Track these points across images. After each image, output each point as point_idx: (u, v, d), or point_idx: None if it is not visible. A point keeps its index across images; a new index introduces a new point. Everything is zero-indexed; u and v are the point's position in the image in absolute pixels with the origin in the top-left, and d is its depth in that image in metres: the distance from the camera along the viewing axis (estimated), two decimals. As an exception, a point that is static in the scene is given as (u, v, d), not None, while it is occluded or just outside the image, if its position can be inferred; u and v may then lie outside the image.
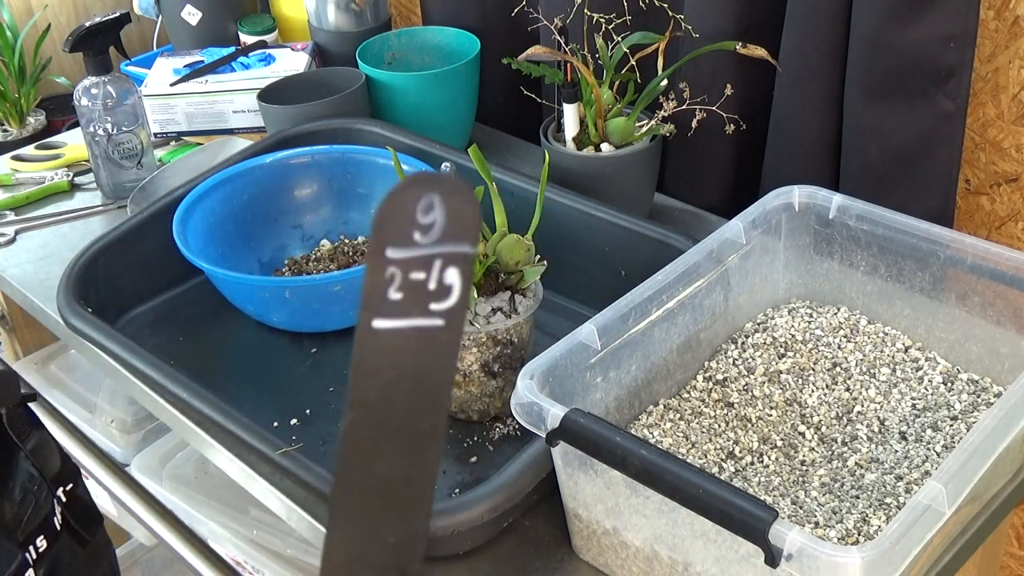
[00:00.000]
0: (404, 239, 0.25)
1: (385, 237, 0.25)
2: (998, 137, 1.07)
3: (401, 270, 0.25)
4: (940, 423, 0.85)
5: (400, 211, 0.25)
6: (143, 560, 1.67)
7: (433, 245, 0.25)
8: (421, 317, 0.25)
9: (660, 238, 1.04)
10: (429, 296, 0.26)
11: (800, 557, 0.63)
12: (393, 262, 0.25)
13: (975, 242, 0.88)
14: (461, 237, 0.25)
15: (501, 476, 0.80)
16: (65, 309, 1.05)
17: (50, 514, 0.92)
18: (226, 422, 0.90)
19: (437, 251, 0.25)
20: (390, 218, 0.25)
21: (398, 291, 0.25)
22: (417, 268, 0.25)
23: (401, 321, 0.26)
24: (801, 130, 1.12)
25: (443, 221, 0.25)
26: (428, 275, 0.25)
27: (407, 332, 0.26)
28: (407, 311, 0.25)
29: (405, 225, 0.25)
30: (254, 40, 1.55)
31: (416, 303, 0.25)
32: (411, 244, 0.25)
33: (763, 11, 1.12)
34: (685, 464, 0.69)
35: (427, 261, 0.25)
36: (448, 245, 0.25)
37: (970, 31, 0.98)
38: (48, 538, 0.90)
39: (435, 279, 0.25)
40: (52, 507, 0.93)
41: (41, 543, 0.90)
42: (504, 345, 0.92)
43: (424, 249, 0.25)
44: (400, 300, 0.25)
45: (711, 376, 0.93)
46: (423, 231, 0.25)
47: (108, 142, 1.33)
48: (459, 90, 1.35)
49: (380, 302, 0.25)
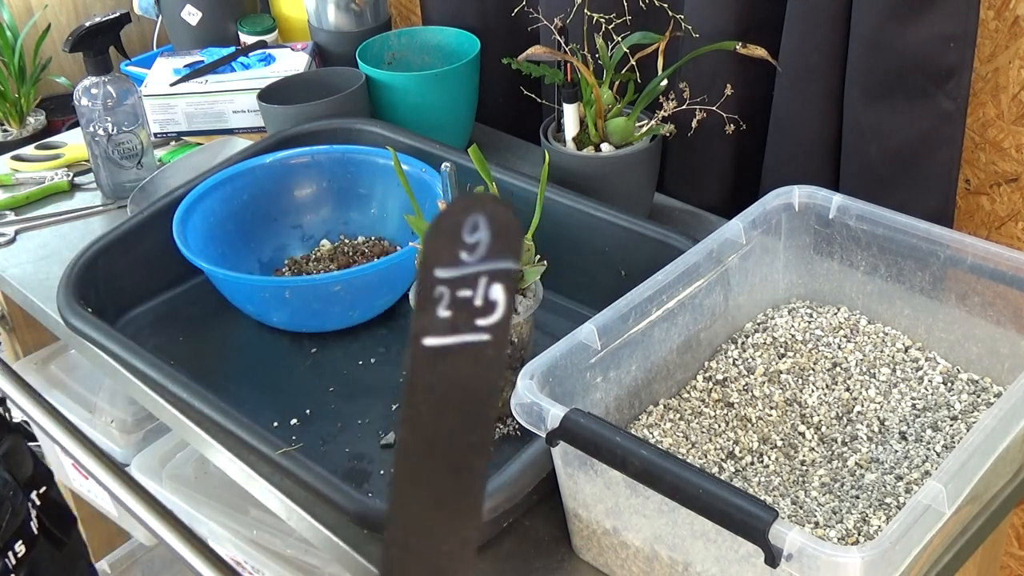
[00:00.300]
0: (452, 259, 0.26)
1: (435, 258, 0.26)
2: (998, 137, 1.07)
3: (450, 289, 0.26)
4: (940, 423, 0.85)
5: (449, 233, 0.26)
6: (143, 560, 1.67)
7: (479, 263, 0.26)
8: (469, 333, 0.26)
9: (660, 238, 1.04)
10: (476, 312, 0.26)
11: (800, 557, 0.63)
12: (442, 281, 0.26)
13: (975, 242, 0.88)
14: (505, 254, 0.26)
15: (501, 476, 0.80)
16: (65, 309, 1.05)
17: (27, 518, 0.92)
18: (226, 422, 0.90)
19: (483, 268, 0.26)
20: (439, 240, 0.26)
21: (447, 309, 0.26)
22: (464, 286, 0.26)
23: (451, 338, 0.26)
24: (801, 130, 1.12)
25: (488, 240, 0.26)
26: (475, 292, 0.26)
27: (456, 348, 0.26)
28: (456, 328, 0.26)
29: (453, 246, 0.26)
30: (254, 40, 1.55)
31: (464, 320, 0.26)
32: (459, 264, 0.26)
33: (763, 11, 1.12)
34: (685, 464, 0.69)
35: (473, 279, 0.26)
36: (493, 263, 0.26)
37: (970, 31, 0.98)
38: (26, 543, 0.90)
39: (481, 296, 0.26)
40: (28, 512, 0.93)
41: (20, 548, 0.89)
42: (504, 345, 0.92)
43: (471, 268, 0.26)
44: (449, 317, 0.26)
45: (711, 376, 0.93)
46: (470, 251, 0.26)
47: (108, 142, 1.33)
48: (459, 90, 1.35)
49: (431, 320, 0.26)
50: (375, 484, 0.92)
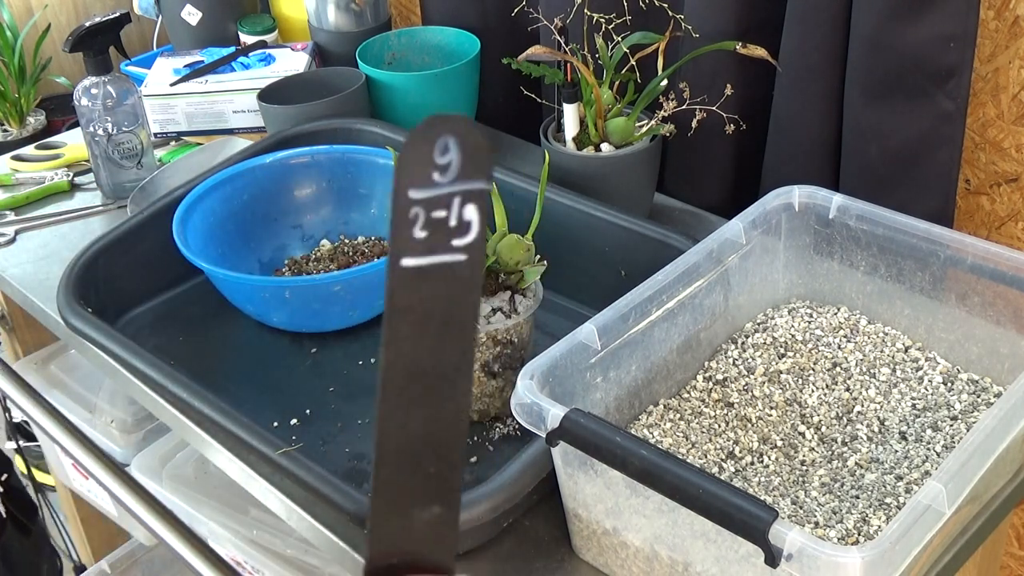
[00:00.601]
0: (425, 180, 0.26)
1: (408, 179, 0.26)
2: (998, 137, 1.07)
3: (424, 209, 0.26)
4: (940, 423, 0.85)
5: (420, 153, 0.26)
6: (143, 560, 1.67)
7: (452, 184, 0.26)
8: (445, 253, 0.27)
9: (660, 238, 1.04)
10: (451, 232, 0.27)
11: (800, 557, 0.63)
12: (416, 202, 0.26)
13: (975, 242, 0.88)
14: (477, 174, 0.26)
15: (501, 476, 0.80)
16: (65, 309, 1.05)
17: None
18: (226, 422, 0.90)
19: (456, 189, 0.26)
20: (411, 161, 0.26)
21: (423, 229, 0.27)
22: (438, 207, 0.26)
23: (427, 258, 0.27)
24: (801, 130, 1.12)
25: (459, 160, 0.26)
26: (449, 212, 0.27)
27: (433, 268, 0.27)
28: (432, 248, 0.27)
29: (425, 166, 0.26)
30: (254, 40, 1.55)
31: (440, 240, 0.27)
32: (432, 184, 0.26)
33: (763, 11, 1.12)
34: (685, 464, 0.69)
35: (447, 199, 0.26)
36: (465, 183, 0.26)
37: (970, 31, 0.98)
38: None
39: (455, 216, 0.27)
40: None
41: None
42: (504, 345, 0.92)
43: (444, 188, 0.26)
44: (425, 238, 0.27)
45: (711, 376, 0.93)
46: (441, 171, 0.26)
47: (108, 142, 1.33)
48: (459, 90, 1.35)
49: (407, 241, 0.26)
50: (375, 484, 0.92)
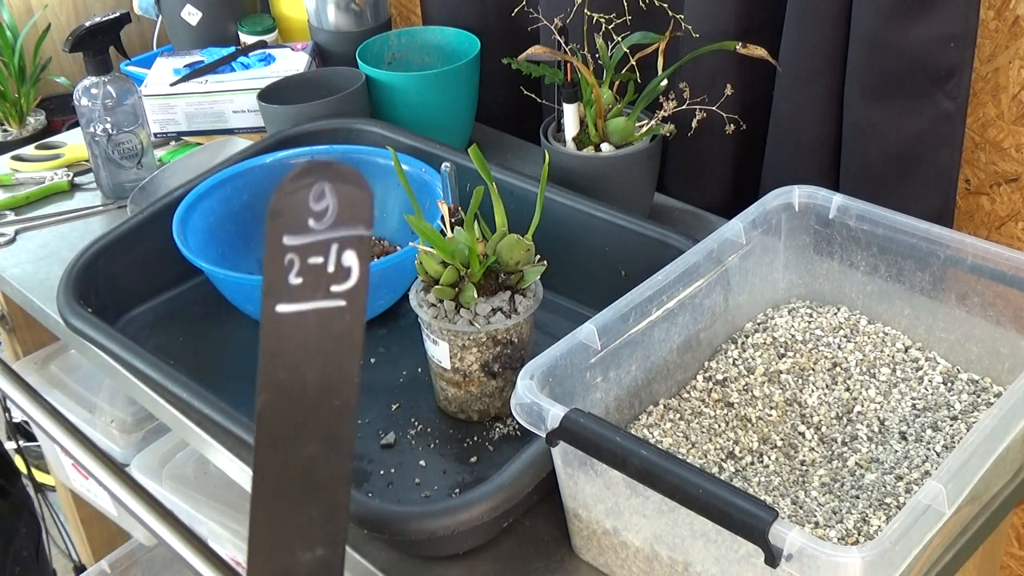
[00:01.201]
0: (299, 226, 0.26)
1: (281, 226, 0.26)
2: (998, 137, 1.07)
3: (299, 256, 0.26)
4: (940, 423, 0.85)
5: (293, 200, 0.26)
6: (143, 560, 1.67)
7: (328, 230, 0.26)
8: (323, 299, 0.27)
9: (660, 238, 1.04)
10: (329, 278, 0.27)
11: (800, 557, 0.63)
12: (290, 249, 0.26)
13: (975, 242, 0.88)
14: (355, 221, 0.26)
15: (501, 476, 0.80)
16: (65, 309, 1.05)
17: None
18: (226, 422, 0.90)
19: (333, 235, 0.26)
20: (284, 207, 0.26)
21: (298, 276, 0.26)
22: (315, 253, 0.26)
23: (304, 304, 0.27)
24: (801, 130, 1.12)
25: (336, 207, 0.26)
26: (326, 259, 0.26)
27: (311, 314, 0.27)
28: (309, 294, 0.26)
29: (299, 213, 0.26)
30: (254, 40, 1.55)
31: (317, 286, 0.26)
32: (307, 231, 0.26)
33: (763, 11, 1.12)
34: (685, 464, 0.69)
35: (324, 246, 0.26)
36: (343, 229, 0.26)
37: (970, 31, 0.98)
38: None
39: (333, 262, 0.27)
40: None
41: None
42: (504, 345, 0.92)
43: (320, 235, 0.26)
44: (301, 284, 0.26)
45: (711, 376, 0.93)
46: (317, 218, 0.26)
47: (108, 142, 1.33)
48: (459, 90, 1.35)
49: (281, 287, 0.26)
50: (375, 484, 0.92)
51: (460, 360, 0.93)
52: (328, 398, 0.27)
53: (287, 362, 0.27)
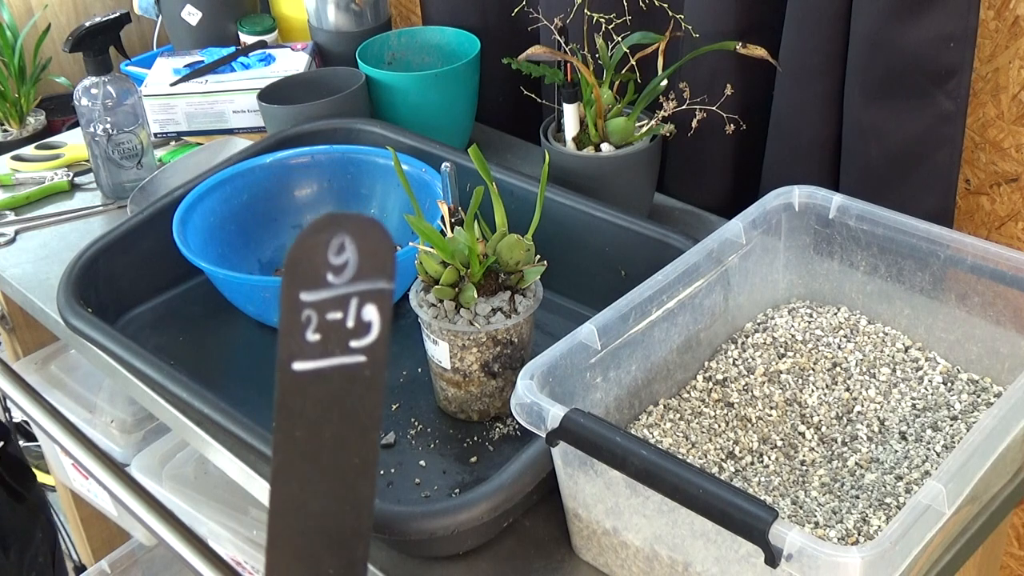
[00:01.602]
0: (317, 281, 0.25)
1: (297, 281, 0.25)
2: (998, 137, 1.07)
3: (317, 312, 0.25)
4: (940, 423, 0.85)
5: (311, 255, 0.25)
6: (143, 560, 1.67)
7: (348, 284, 0.25)
8: (342, 355, 0.26)
9: (660, 238, 1.04)
10: (348, 334, 0.25)
11: (800, 557, 0.63)
12: (308, 304, 0.25)
13: (975, 242, 0.88)
14: (376, 274, 0.25)
15: (501, 476, 0.80)
16: (65, 309, 1.05)
17: None
18: (226, 422, 0.90)
19: (353, 290, 0.25)
20: (301, 262, 0.25)
21: (316, 332, 0.25)
22: (333, 308, 0.25)
23: (322, 361, 0.26)
24: (801, 130, 1.12)
25: (356, 260, 0.25)
26: (345, 314, 0.25)
27: (329, 371, 0.26)
28: (327, 351, 0.25)
29: (317, 268, 0.25)
30: (254, 40, 1.55)
31: (336, 342, 0.25)
32: (325, 285, 0.25)
33: (763, 11, 1.12)
34: (685, 464, 0.69)
35: (343, 300, 0.25)
36: (363, 283, 0.25)
37: (970, 31, 0.98)
38: None
39: (353, 317, 0.25)
40: None
41: None
42: (504, 345, 0.92)
43: (339, 289, 0.25)
44: (319, 341, 0.25)
45: (711, 376, 0.93)
46: (336, 272, 0.25)
47: (108, 142, 1.33)
48: (459, 90, 1.35)
49: (298, 345, 0.25)
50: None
51: (460, 360, 0.93)
52: (347, 456, 0.26)
53: (304, 420, 0.26)
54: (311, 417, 0.26)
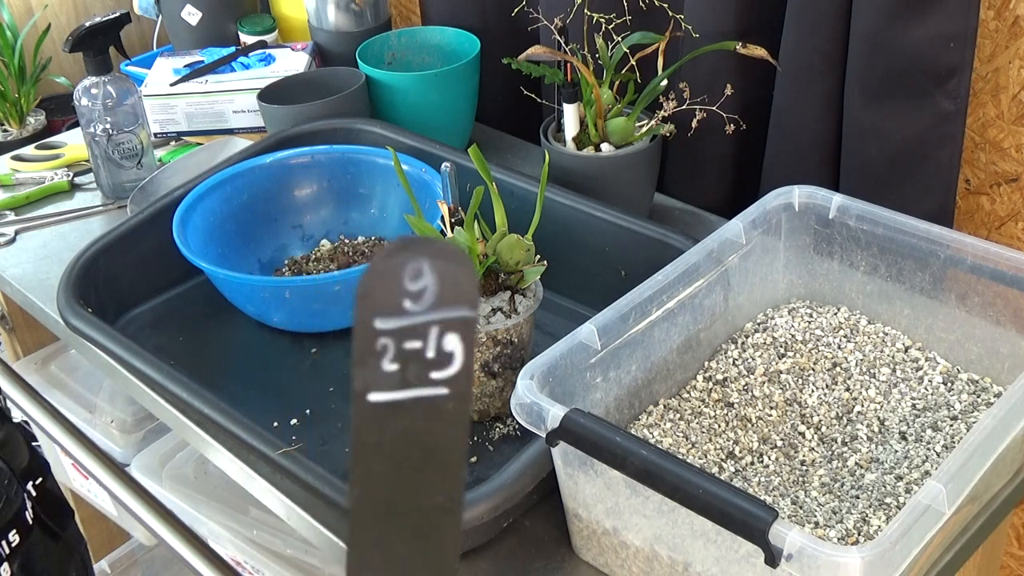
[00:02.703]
0: (394, 308, 0.24)
1: (371, 308, 0.24)
2: (998, 137, 1.07)
3: (394, 340, 0.24)
4: (940, 423, 0.85)
5: (386, 280, 0.24)
6: (143, 560, 1.67)
7: (427, 312, 0.24)
8: (422, 387, 0.24)
9: (660, 238, 1.04)
10: (429, 365, 0.24)
11: (800, 557, 0.63)
12: (383, 333, 0.24)
13: (975, 242, 0.88)
14: (458, 301, 0.24)
15: (501, 476, 0.80)
16: (65, 309, 1.05)
17: (21, 508, 0.92)
18: (226, 422, 0.90)
19: (433, 318, 0.24)
20: (376, 288, 0.24)
21: (393, 362, 0.24)
22: (412, 337, 0.24)
23: (400, 393, 0.24)
24: (801, 130, 1.12)
25: (436, 286, 0.24)
26: (425, 343, 0.24)
27: (408, 404, 0.24)
28: (406, 382, 0.24)
29: (393, 294, 0.24)
30: (254, 40, 1.55)
31: (415, 373, 0.24)
32: (402, 313, 0.24)
33: (763, 11, 1.12)
34: (685, 464, 0.69)
35: (423, 329, 0.24)
36: (444, 311, 0.24)
37: (970, 31, 0.98)
38: (21, 532, 0.90)
39: (433, 347, 0.24)
40: (23, 501, 0.93)
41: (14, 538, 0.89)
42: (504, 345, 0.92)
43: (417, 317, 0.24)
44: (396, 371, 0.24)
45: (711, 376, 0.93)
46: (414, 299, 0.24)
47: (108, 142, 1.33)
48: (459, 90, 1.35)
49: (374, 375, 0.24)
50: (375, 484, 0.92)
51: (460, 360, 0.93)
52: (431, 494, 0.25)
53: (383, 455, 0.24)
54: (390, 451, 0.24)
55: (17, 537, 0.91)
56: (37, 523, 0.94)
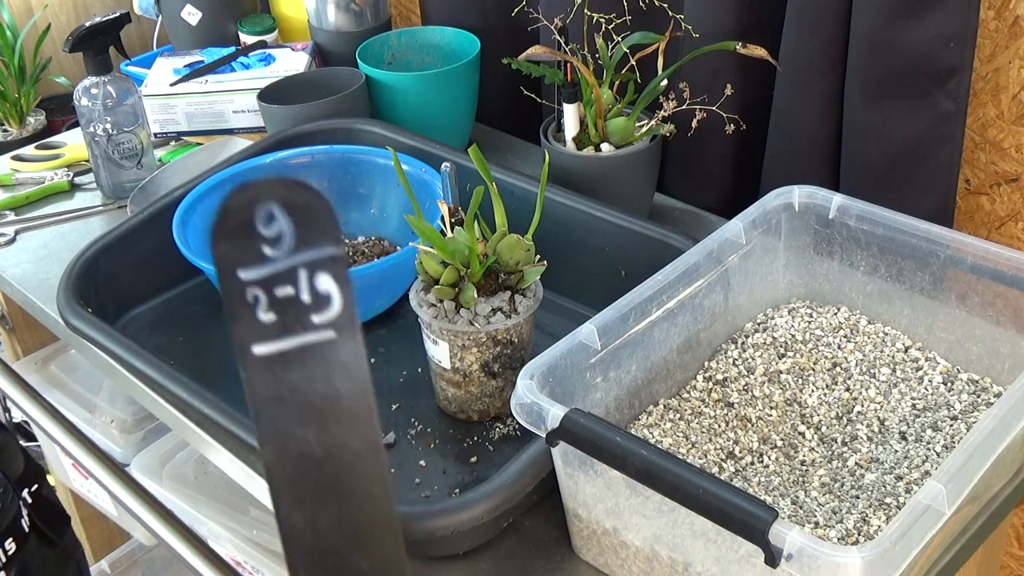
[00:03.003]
0: (253, 257, 0.22)
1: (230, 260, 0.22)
2: (998, 137, 1.07)
3: (263, 289, 0.23)
4: (940, 423, 0.85)
5: (239, 229, 0.22)
6: (143, 560, 1.67)
7: (289, 256, 0.22)
8: (306, 333, 0.23)
9: (660, 238, 1.04)
10: (307, 310, 0.23)
11: (800, 557, 0.63)
12: (250, 283, 0.22)
13: (975, 242, 0.88)
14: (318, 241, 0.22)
15: (501, 476, 0.80)
16: (65, 309, 1.05)
17: (17, 516, 0.92)
18: (226, 422, 0.90)
19: (296, 261, 0.22)
20: (228, 240, 0.22)
21: (268, 312, 0.23)
22: (281, 283, 0.23)
23: (284, 342, 0.23)
24: (801, 130, 1.12)
25: (291, 228, 0.22)
26: (297, 288, 0.23)
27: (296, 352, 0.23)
28: (287, 330, 0.23)
29: (249, 242, 0.22)
30: (254, 40, 1.55)
31: (295, 320, 0.23)
32: (263, 260, 0.22)
33: (763, 11, 1.12)
34: (685, 464, 0.69)
35: (289, 274, 0.23)
36: (306, 253, 0.23)
37: (970, 31, 0.98)
38: (17, 540, 0.90)
39: (307, 290, 0.23)
40: (19, 509, 0.93)
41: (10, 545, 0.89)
42: (504, 345, 0.92)
43: (280, 263, 0.22)
44: (275, 321, 0.23)
45: (711, 376, 0.93)
46: (272, 244, 0.22)
47: (108, 142, 1.33)
48: (459, 90, 1.35)
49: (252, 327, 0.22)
50: (375, 484, 0.92)
51: (460, 360, 0.93)
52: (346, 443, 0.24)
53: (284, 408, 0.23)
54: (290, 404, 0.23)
55: (14, 545, 0.90)
56: (34, 531, 0.93)
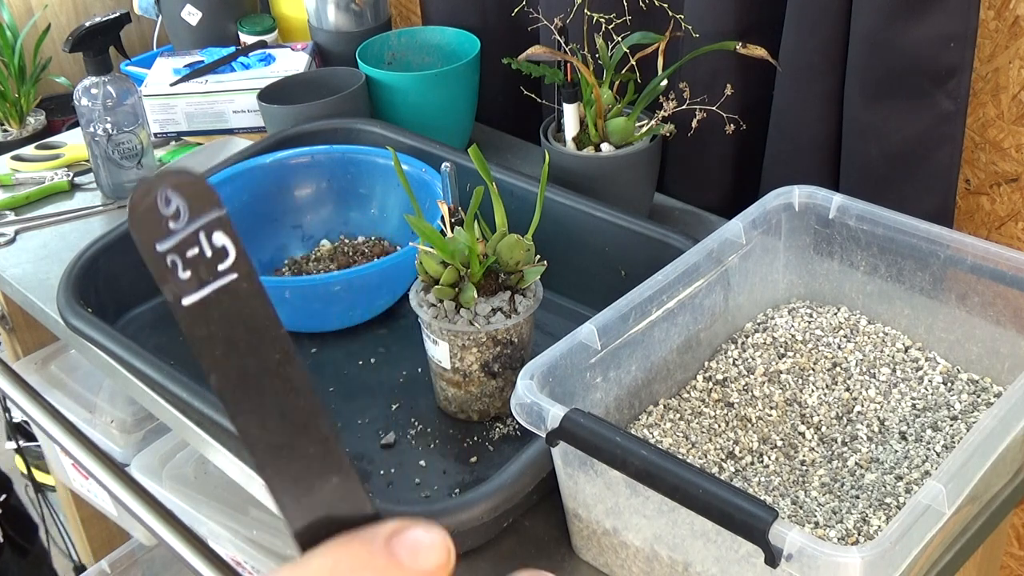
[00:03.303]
0: (164, 232, 0.30)
1: (147, 239, 0.30)
2: (998, 137, 1.07)
3: (177, 255, 0.30)
4: (940, 423, 0.85)
5: (148, 215, 0.29)
6: (143, 560, 1.67)
7: (188, 225, 0.30)
8: (217, 279, 0.31)
9: (660, 238, 1.04)
10: (212, 261, 0.30)
11: (800, 557, 0.63)
12: (167, 252, 0.30)
13: (975, 242, 0.88)
14: (204, 208, 0.30)
15: (501, 476, 0.80)
16: (65, 309, 1.05)
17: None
18: (226, 422, 0.90)
19: (194, 227, 0.30)
20: (142, 225, 0.29)
21: (185, 270, 0.30)
22: (188, 247, 0.30)
23: (203, 291, 0.30)
24: (801, 130, 1.12)
25: (184, 204, 0.30)
26: (200, 248, 0.30)
27: (213, 296, 0.30)
28: (202, 281, 0.30)
29: (158, 222, 0.30)
30: (254, 40, 1.55)
31: (206, 271, 0.30)
32: (171, 233, 0.30)
33: (763, 11, 1.12)
34: (685, 464, 0.69)
35: (192, 238, 0.30)
36: (200, 219, 0.30)
37: (970, 31, 0.98)
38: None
39: (208, 248, 0.30)
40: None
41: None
42: (504, 345, 0.92)
43: (183, 232, 0.30)
44: (192, 276, 0.30)
45: (711, 376, 0.93)
46: (174, 219, 0.30)
47: (108, 142, 1.33)
48: (459, 90, 1.35)
49: (177, 285, 0.30)
50: (375, 484, 0.92)
51: (460, 360, 0.93)
52: (268, 356, 0.31)
53: (217, 342, 0.31)
54: (221, 336, 0.31)
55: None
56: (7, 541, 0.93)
